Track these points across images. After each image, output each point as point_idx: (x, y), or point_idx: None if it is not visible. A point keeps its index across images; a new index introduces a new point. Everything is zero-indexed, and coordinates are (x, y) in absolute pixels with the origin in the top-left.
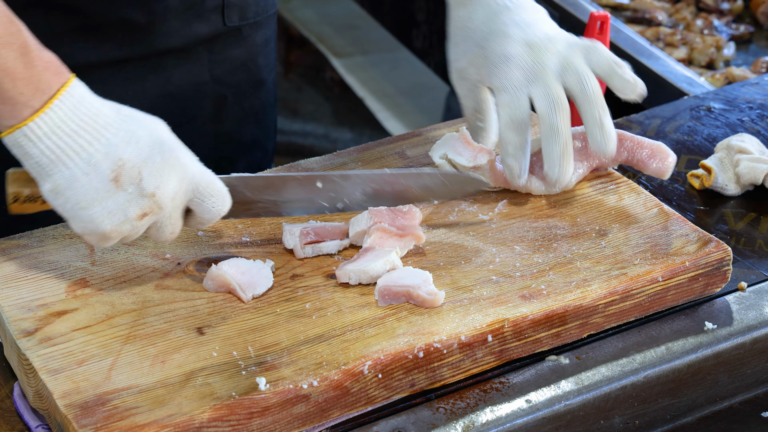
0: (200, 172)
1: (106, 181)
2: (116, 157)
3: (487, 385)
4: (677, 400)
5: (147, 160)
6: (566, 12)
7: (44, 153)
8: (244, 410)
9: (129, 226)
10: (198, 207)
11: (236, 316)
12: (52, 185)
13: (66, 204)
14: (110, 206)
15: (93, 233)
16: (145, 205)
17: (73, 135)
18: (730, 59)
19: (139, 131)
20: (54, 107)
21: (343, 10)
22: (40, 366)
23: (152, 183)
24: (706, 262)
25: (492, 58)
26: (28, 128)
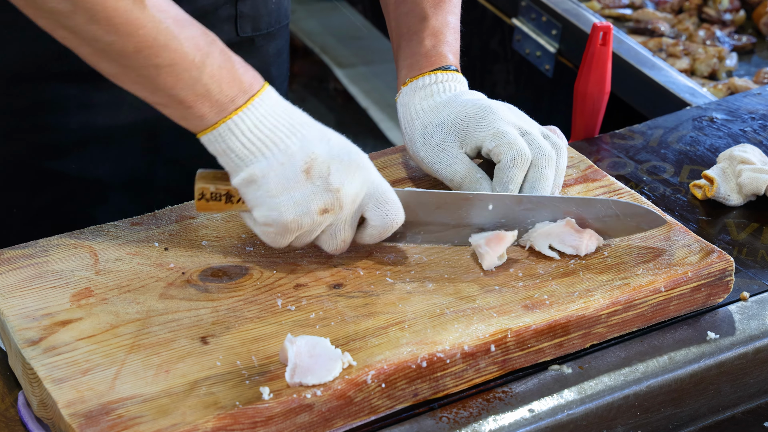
0: (380, 180)
1: (298, 171)
2: (310, 151)
3: (490, 395)
4: (680, 409)
5: (336, 158)
6: (569, 23)
7: (246, 145)
8: (248, 420)
9: (309, 219)
10: (373, 213)
11: (240, 326)
12: (248, 174)
13: (257, 191)
14: (297, 196)
15: (275, 222)
16: (328, 200)
17: (273, 129)
18: (733, 70)
19: (329, 133)
20: (255, 104)
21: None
22: (44, 375)
23: (338, 179)
24: (708, 272)
25: (474, 117)
26: (232, 122)
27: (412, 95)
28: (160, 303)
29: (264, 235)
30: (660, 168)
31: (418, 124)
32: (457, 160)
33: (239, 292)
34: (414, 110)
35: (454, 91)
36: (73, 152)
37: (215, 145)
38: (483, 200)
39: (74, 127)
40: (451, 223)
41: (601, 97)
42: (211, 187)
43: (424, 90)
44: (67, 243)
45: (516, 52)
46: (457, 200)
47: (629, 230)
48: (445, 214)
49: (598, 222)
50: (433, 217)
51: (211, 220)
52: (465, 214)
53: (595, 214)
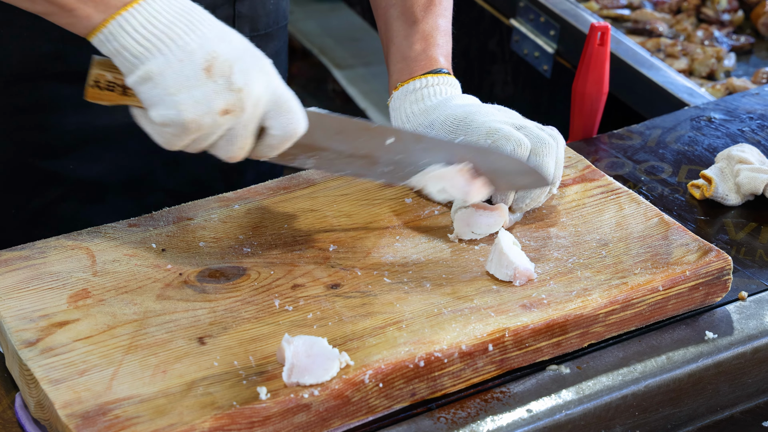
0: (282, 86)
1: (198, 69)
2: (211, 49)
3: (488, 395)
4: (678, 409)
5: (239, 59)
6: (567, 23)
7: (140, 42)
8: (245, 420)
9: (210, 119)
10: (274, 122)
11: (237, 326)
12: (144, 72)
13: (153, 89)
14: (197, 95)
15: (173, 121)
16: (230, 100)
17: (170, 25)
18: (731, 70)
19: (230, 32)
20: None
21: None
22: (41, 376)
23: (241, 79)
24: (706, 271)
25: (465, 120)
26: (123, 18)
27: (403, 99)
28: (157, 304)
29: (159, 135)
30: (658, 168)
31: (410, 128)
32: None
33: (236, 292)
34: (405, 114)
35: (445, 95)
36: (70, 153)
37: (107, 45)
38: (383, 133)
39: (71, 128)
40: (346, 152)
41: (599, 98)
42: (108, 75)
43: (414, 94)
44: (65, 244)
45: (514, 53)
46: (358, 128)
47: (515, 187)
48: (343, 142)
49: (490, 173)
50: (330, 142)
51: (208, 222)
52: (362, 144)
53: (489, 165)
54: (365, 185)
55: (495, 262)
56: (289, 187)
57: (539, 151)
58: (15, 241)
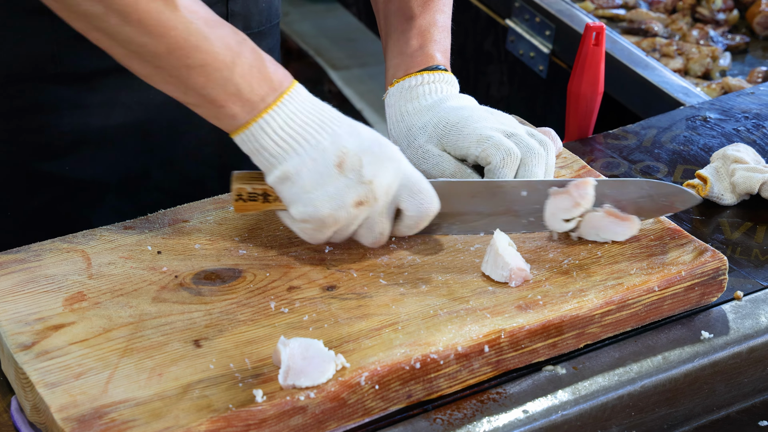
0: (412, 170)
1: (330, 166)
2: (341, 145)
3: (484, 396)
4: (674, 409)
5: (367, 151)
6: (562, 23)
7: (278, 143)
8: (241, 422)
9: (345, 213)
10: (408, 204)
11: (233, 329)
12: (281, 172)
13: (292, 188)
14: (331, 191)
15: (312, 217)
16: (362, 193)
17: (304, 126)
18: (726, 69)
19: (359, 127)
20: (285, 101)
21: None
22: (37, 380)
23: (371, 171)
24: (702, 271)
25: (456, 126)
26: (263, 120)
27: (399, 96)
28: (153, 306)
29: (302, 232)
30: (653, 168)
31: (403, 126)
32: (444, 159)
33: (232, 294)
34: (400, 112)
35: (440, 94)
36: (66, 154)
37: (248, 144)
38: (516, 187)
39: (68, 129)
40: (485, 212)
41: (595, 98)
42: (248, 188)
43: (410, 92)
44: (60, 247)
45: (510, 53)
46: (491, 188)
47: (663, 210)
48: (480, 203)
49: (632, 204)
50: (467, 206)
51: (204, 224)
52: (500, 202)
53: (628, 195)
54: None
55: (491, 264)
56: None
57: (528, 161)
58: (11, 242)
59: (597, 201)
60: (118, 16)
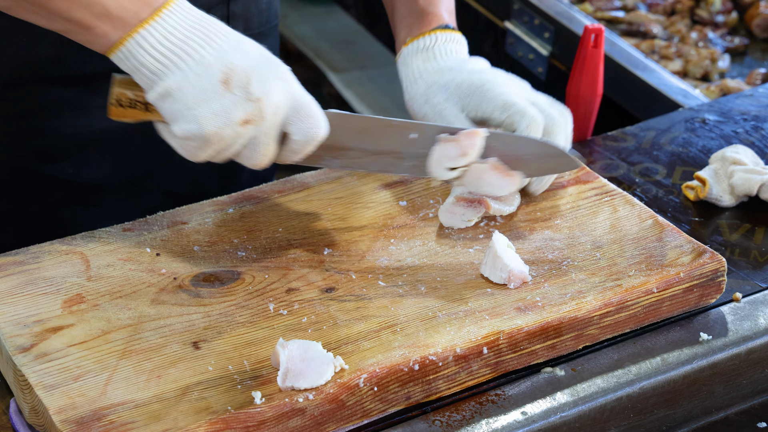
0: (301, 92)
1: (216, 82)
2: (227, 61)
3: (483, 398)
4: (673, 411)
5: (256, 68)
6: (561, 25)
7: (157, 59)
8: (240, 424)
9: (231, 131)
10: (295, 127)
11: (232, 331)
12: (163, 89)
13: (174, 105)
14: (216, 107)
15: (195, 135)
16: (249, 110)
17: (186, 40)
18: (725, 71)
19: (246, 42)
20: (163, 16)
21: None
22: (36, 382)
23: (259, 88)
24: (700, 273)
25: (481, 88)
26: (140, 36)
27: (414, 56)
28: (151, 308)
29: (183, 148)
30: (652, 169)
31: (422, 84)
32: (459, 120)
33: (231, 297)
34: (417, 71)
35: (457, 55)
36: (69, 156)
37: (126, 63)
38: (406, 128)
39: (70, 131)
40: (370, 150)
41: (594, 99)
42: (129, 93)
43: (426, 52)
44: (59, 249)
45: (509, 55)
46: (381, 126)
47: (545, 170)
48: (368, 140)
49: (518, 160)
50: (354, 142)
51: (203, 226)
52: (386, 141)
53: (516, 151)
54: (359, 188)
55: (489, 265)
56: (283, 190)
57: (551, 129)
58: (13, 245)
59: (485, 154)
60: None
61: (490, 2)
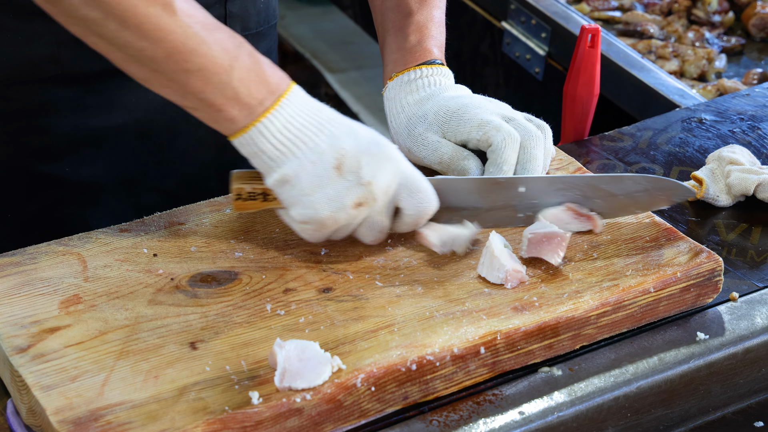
0: (410, 169)
1: (329, 168)
2: (339, 147)
3: (480, 398)
4: (670, 410)
5: (365, 152)
6: (558, 25)
7: (276, 147)
8: (237, 424)
9: (345, 214)
10: (406, 203)
11: (229, 331)
12: (281, 175)
13: (291, 191)
14: (330, 193)
15: (312, 219)
16: (361, 194)
17: (302, 128)
18: (722, 71)
19: (357, 127)
20: (283, 104)
21: (337, 26)
22: (32, 382)
23: (369, 172)
24: (697, 272)
25: (456, 112)
26: (262, 125)
27: (398, 90)
28: (149, 309)
29: (303, 232)
30: (649, 169)
31: (404, 117)
32: (442, 144)
33: (228, 297)
34: (400, 104)
35: (438, 85)
36: (66, 155)
37: (247, 147)
38: (514, 183)
39: (66, 130)
40: (483, 207)
41: (590, 99)
42: (247, 188)
43: (409, 85)
44: (56, 250)
45: (506, 56)
46: (488, 185)
47: (659, 203)
48: (479, 199)
49: (629, 198)
50: (465, 202)
51: (200, 226)
52: (497, 197)
53: (625, 190)
54: None
55: (486, 265)
56: None
57: (527, 143)
58: (10, 245)
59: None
60: (117, 21)
61: (487, 2)
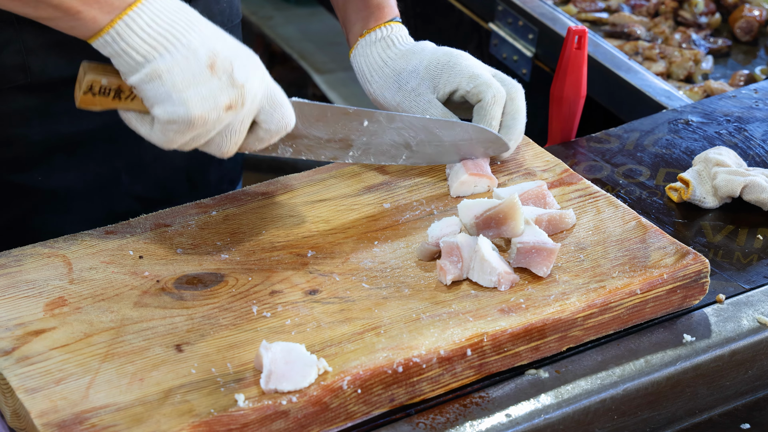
0: (273, 82)
1: (203, 66)
2: (212, 46)
3: (467, 400)
4: (657, 412)
5: (237, 55)
6: (545, 26)
7: (146, 41)
8: (223, 427)
9: (215, 114)
10: (266, 116)
11: (215, 333)
12: (151, 70)
13: (160, 88)
14: (203, 91)
15: (181, 118)
16: (233, 96)
17: (172, 23)
18: (708, 73)
19: (222, 31)
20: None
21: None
22: (17, 385)
23: (242, 74)
24: (683, 274)
25: (448, 63)
26: (129, 18)
27: (373, 46)
28: (134, 311)
29: (161, 132)
30: (636, 171)
31: (389, 71)
32: (432, 105)
33: (214, 299)
34: (380, 58)
35: (409, 39)
36: (37, 164)
37: (112, 46)
38: (360, 116)
39: (37, 139)
40: (324, 137)
41: (577, 101)
42: (103, 80)
43: (384, 41)
44: (41, 252)
45: (493, 57)
46: (337, 113)
47: (477, 153)
48: (323, 128)
49: (454, 146)
50: (310, 129)
51: (186, 228)
52: (340, 128)
53: (453, 137)
54: (343, 190)
55: (477, 270)
56: (267, 192)
57: (515, 95)
58: None
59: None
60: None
61: (474, 3)
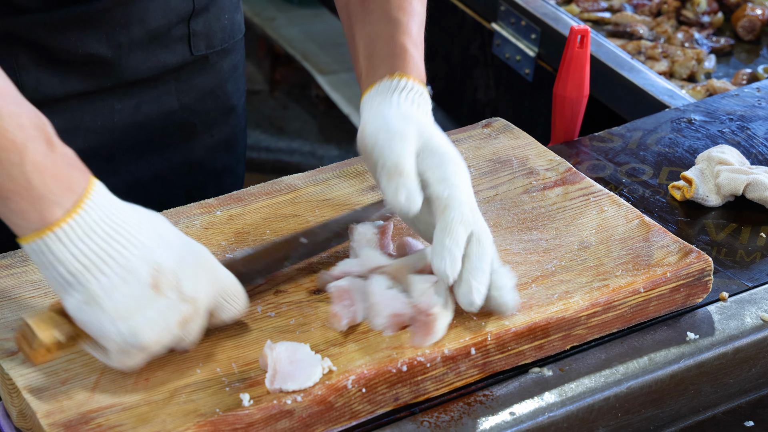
0: (224, 273)
1: (145, 287)
2: (152, 261)
3: (471, 398)
4: (660, 410)
5: (182, 264)
6: (547, 26)
7: (78, 259)
8: (228, 427)
9: (169, 335)
10: (221, 308)
11: (220, 333)
12: (85, 296)
13: (101, 317)
14: (151, 314)
15: (132, 347)
16: (185, 311)
17: (108, 238)
18: (711, 72)
19: (165, 231)
20: (86, 207)
21: (327, 27)
22: (23, 385)
23: (191, 287)
24: (687, 272)
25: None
26: (61, 230)
27: (395, 92)
28: None
29: (117, 362)
30: (639, 170)
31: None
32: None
33: None
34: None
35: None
36: None
37: (39, 256)
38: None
39: None
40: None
41: (580, 100)
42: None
43: (407, 93)
44: None
45: (496, 57)
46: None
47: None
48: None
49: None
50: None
51: (190, 228)
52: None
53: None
54: (346, 190)
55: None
56: (271, 192)
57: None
58: None
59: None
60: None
61: (477, 3)
